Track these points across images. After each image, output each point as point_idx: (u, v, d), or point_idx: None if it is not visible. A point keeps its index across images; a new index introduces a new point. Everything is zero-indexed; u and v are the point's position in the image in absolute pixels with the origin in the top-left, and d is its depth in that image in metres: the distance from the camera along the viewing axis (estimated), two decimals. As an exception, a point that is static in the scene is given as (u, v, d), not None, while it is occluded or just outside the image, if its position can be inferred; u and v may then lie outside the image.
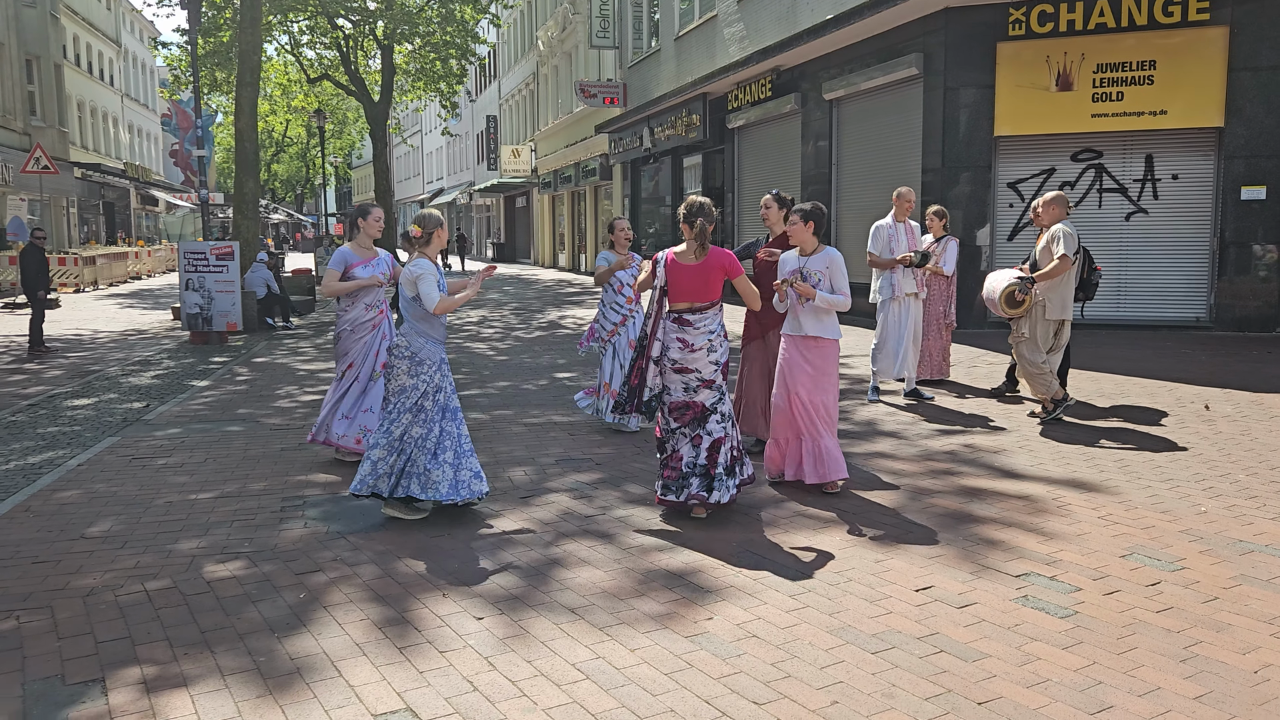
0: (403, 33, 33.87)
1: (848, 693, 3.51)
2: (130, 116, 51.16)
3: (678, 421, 5.61)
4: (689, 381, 5.57)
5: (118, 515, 5.89)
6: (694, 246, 5.56)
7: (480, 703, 3.48)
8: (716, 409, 5.59)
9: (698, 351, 5.52)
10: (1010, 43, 13.53)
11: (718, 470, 5.53)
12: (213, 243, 15.62)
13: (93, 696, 3.57)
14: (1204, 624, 4.03)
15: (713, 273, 5.55)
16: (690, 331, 5.53)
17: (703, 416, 5.58)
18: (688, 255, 5.57)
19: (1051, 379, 7.90)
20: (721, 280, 5.62)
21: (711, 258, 5.55)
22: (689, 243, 5.58)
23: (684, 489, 5.53)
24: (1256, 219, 12.96)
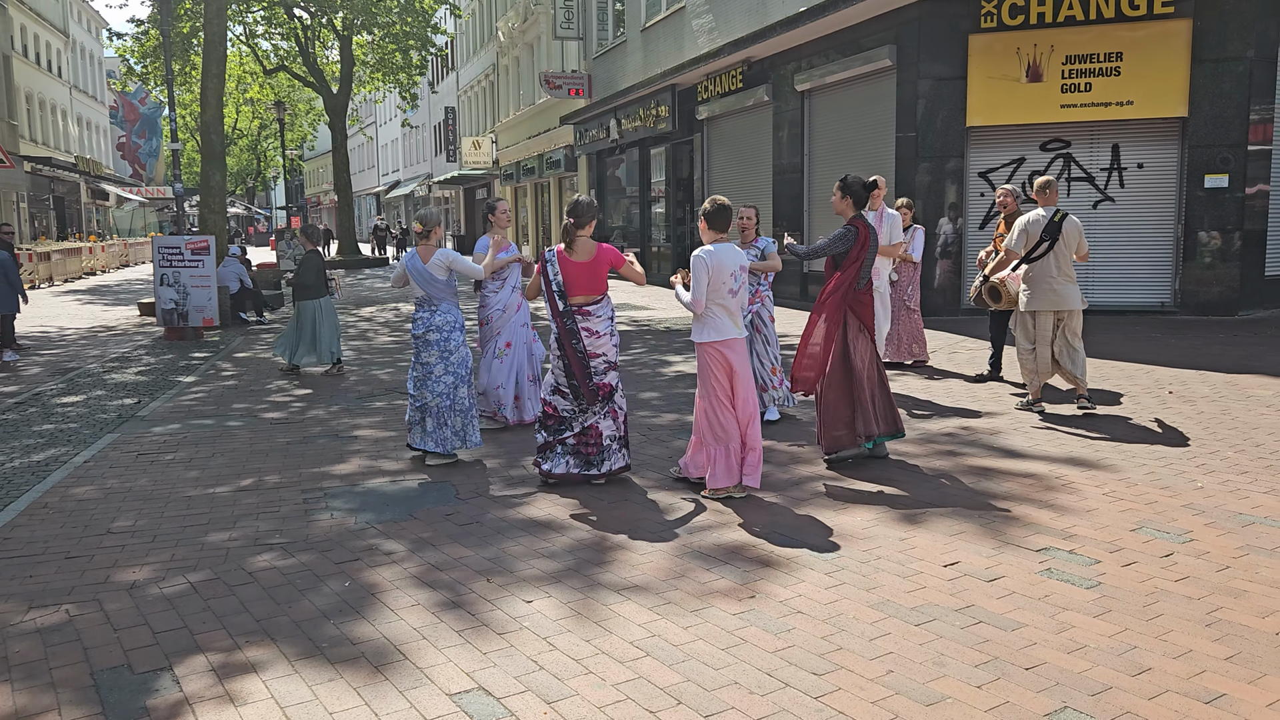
0: (361, 23, 33.61)
1: (900, 662, 3.67)
2: (79, 109, 50.09)
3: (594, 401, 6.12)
4: (597, 365, 6.08)
5: (139, 510, 5.90)
6: (585, 245, 6.01)
7: (550, 680, 3.60)
8: (619, 387, 6.19)
9: (602, 337, 6.05)
10: (982, 35, 13.81)
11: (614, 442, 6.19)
12: (188, 237, 15.44)
13: (165, 684, 3.63)
14: (1221, 591, 4.26)
15: (602, 267, 6.06)
16: (593, 320, 6.04)
17: (610, 395, 6.14)
18: (579, 253, 6.02)
19: (1032, 375, 7.87)
20: (606, 272, 6.10)
21: (600, 254, 6.04)
22: (580, 241, 6.01)
23: (604, 461, 6.14)
24: (1219, 207, 13.39)
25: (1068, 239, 7.64)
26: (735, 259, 5.79)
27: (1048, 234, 7.61)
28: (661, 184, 24.31)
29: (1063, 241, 7.61)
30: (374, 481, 6.46)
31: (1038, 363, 7.84)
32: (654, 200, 25.01)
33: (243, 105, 51.26)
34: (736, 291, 5.77)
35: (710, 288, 5.70)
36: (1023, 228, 7.72)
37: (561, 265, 6.01)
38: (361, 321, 17.30)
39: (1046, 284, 7.67)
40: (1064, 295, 7.67)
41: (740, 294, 5.81)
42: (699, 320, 5.83)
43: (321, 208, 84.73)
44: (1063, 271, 7.66)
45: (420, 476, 6.57)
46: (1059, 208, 7.72)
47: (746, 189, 19.55)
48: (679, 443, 7.30)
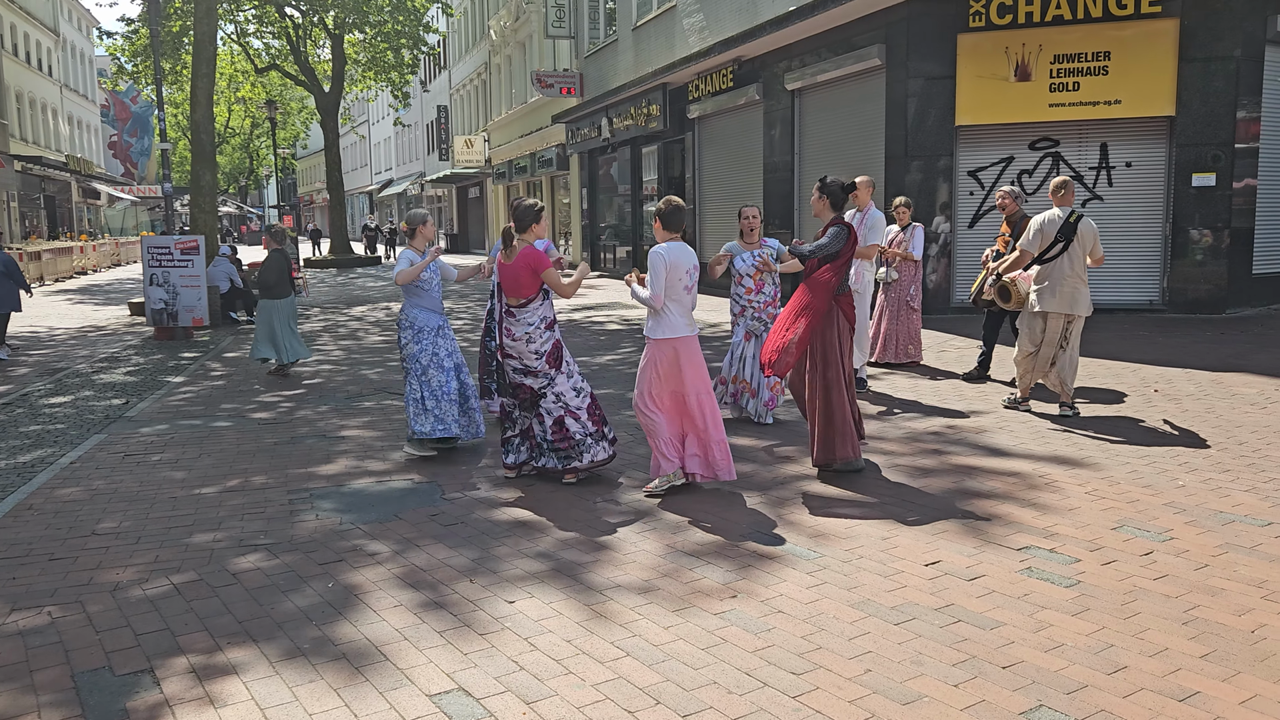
0: (353, 22, 33.57)
1: (879, 661, 3.69)
2: (70, 108, 49.95)
3: (514, 399, 6.31)
4: (515, 366, 6.20)
5: (124, 511, 5.90)
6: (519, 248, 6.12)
7: (530, 681, 3.61)
8: (546, 393, 6.17)
9: (518, 341, 6.13)
10: (970, 34, 13.85)
11: (575, 439, 6.16)
12: (176, 236, 15.42)
13: (145, 686, 3.64)
14: (1199, 589, 4.29)
15: (522, 272, 6.06)
16: (512, 323, 6.15)
17: (534, 399, 6.21)
18: (509, 256, 6.12)
19: (1028, 374, 7.87)
20: (531, 278, 6.05)
21: (519, 258, 6.07)
22: (518, 243, 6.14)
23: (541, 458, 6.27)
24: (1207, 205, 13.44)
25: (1083, 240, 7.49)
26: (689, 258, 5.86)
27: (1063, 234, 7.49)
28: (653, 183, 24.32)
29: (1078, 242, 7.48)
30: (360, 482, 6.47)
31: (1037, 363, 7.80)
32: (646, 199, 25.03)
33: (234, 104, 51.04)
34: (690, 289, 5.85)
35: (667, 285, 5.76)
36: (1038, 227, 7.58)
37: (498, 266, 6.22)
38: (352, 321, 17.29)
39: (1060, 285, 7.54)
40: (1077, 298, 7.54)
41: (693, 291, 5.89)
42: (655, 317, 5.88)
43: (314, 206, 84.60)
44: (1076, 273, 7.51)
45: (407, 477, 6.58)
46: (1075, 208, 7.61)
47: (737, 188, 19.59)
48: (666, 442, 7.31)
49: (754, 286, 7.82)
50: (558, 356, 6.22)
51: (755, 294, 7.82)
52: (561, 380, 6.22)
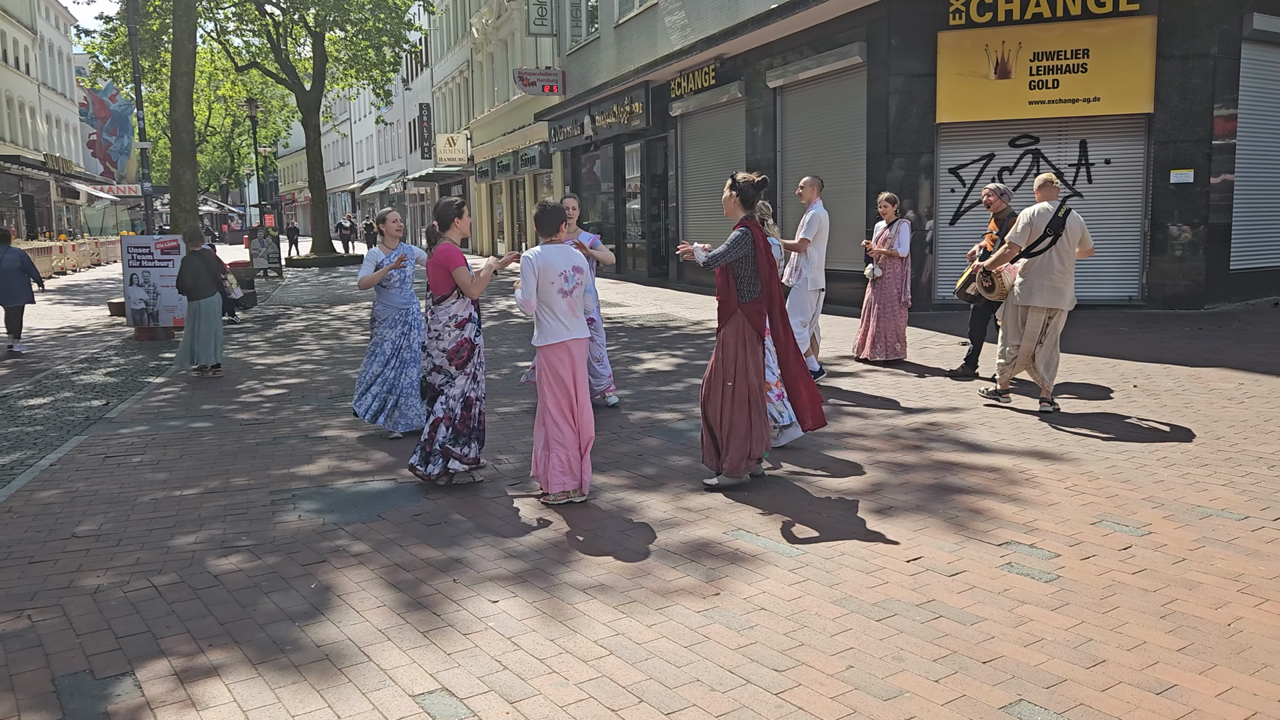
0: (334, 19, 33.41)
1: (860, 658, 3.72)
2: (48, 106, 49.51)
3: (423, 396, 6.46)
4: (431, 363, 6.22)
5: (104, 513, 5.87)
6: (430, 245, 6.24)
7: (513, 680, 3.62)
8: (444, 391, 6.16)
9: (433, 338, 6.16)
10: (951, 32, 13.91)
11: (434, 446, 6.12)
12: (157, 236, 15.31)
13: (127, 689, 3.62)
14: (1177, 583, 4.34)
15: (437, 269, 6.09)
16: (431, 319, 6.20)
17: (434, 396, 6.23)
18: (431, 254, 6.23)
19: (1008, 368, 7.93)
20: (444, 275, 6.06)
21: (436, 255, 6.11)
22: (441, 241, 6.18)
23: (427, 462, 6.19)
24: (1185, 201, 13.55)
25: (1070, 234, 7.53)
26: (566, 260, 5.71)
27: (1051, 229, 7.52)
28: (636, 180, 24.32)
29: (1066, 237, 7.52)
30: (342, 482, 6.46)
31: (1020, 357, 7.85)
32: (629, 197, 25.03)
33: (215, 102, 50.72)
34: (568, 292, 5.69)
35: (540, 289, 5.64)
36: (1028, 220, 7.60)
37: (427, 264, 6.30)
38: (334, 320, 17.22)
39: (1047, 280, 7.58)
40: (1062, 293, 7.59)
41: (574, 294, 5.73)
42: (536, 324, 5.77)
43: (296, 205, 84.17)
44: (1064, 268, 7.56)
45: (389, 477, 6.56)
46: (1063, 203, 7.63)
47: (720, 185, 19.55)
48: (649, 440, 7.33)
49: None
50: (465, 358, 6.12)
51: None
52: (460, 382, 6.15)
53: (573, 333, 5.73)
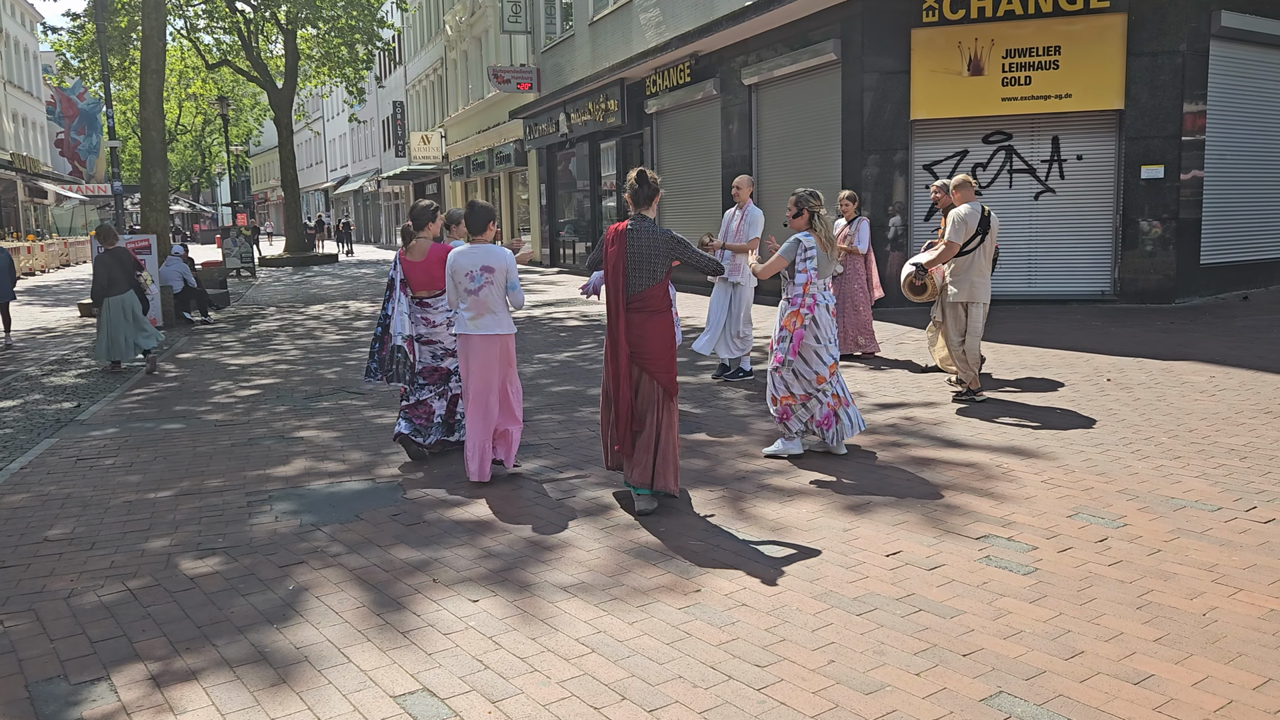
0: (306, 17, 33.16)
1: (841, 652, 3.73)
2: (14, 105, 48.78)
3: (427, 381, 6.84)
4: (435, 350, 6.81)
5: (77, 517, 5.79)
6: (422, 246, 6.72)
7: (495, 680, 3.60)
8: (455, 372, 6.79)
9: (438, 327, 6.75)
10: (924, 29, 13.98)
11: (456, 418, 6.89)
12: (128, 236, 15.13)
13: (102, 694, 3.58)
14: (1152, 574, 4.38)
15: (434, 266, 6.64)
16: (430, 312, 6.76)
17: (446, 377, 6.84)
18: (415, 254, 6.73)
19: (967, 366, 8.03)
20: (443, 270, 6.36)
21: (431, 254, 6.69)
22: (418, 242, 6.75)
23: (430, 434, 6.83)
24: (1156, 197, 13.69)
25: (993, 232, 8.00)
26: (474, 260, 5.99)
27: (981, 227, 7.90)
28: (612, 178, 24.30)
29: (990, 235, 7.97)
30: (318, 483, 6.41)
31: (968, 352, 8.02)
32: (605, 194, 24.99)
33: (185, 100, 50.19)
34: (474, 291, 5.98)
35: (455, 285, 6.10)
36: (962, 219, 7.86)
37: (402, 264, 6.73)
38: (309, 320, 17.09)
39: (979, 276, 7.96)
40: (988, 287, 8.03)
41: (480, 293, 5.98)
42: None
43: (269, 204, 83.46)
44: (986, 264, 8.02)
45: (367, 478, 6.52)
46: (982, 204, 8.00)
47: (696, 182, 19.61)
48: (628, 438, 7.31)
49: None
50: None
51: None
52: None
53: (471, 329, 6.05)
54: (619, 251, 5.50)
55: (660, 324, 5.54)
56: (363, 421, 8.25)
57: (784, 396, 6.49)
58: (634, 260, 5.48)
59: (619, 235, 5.54)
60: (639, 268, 5.48)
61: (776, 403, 6.56)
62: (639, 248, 5.47)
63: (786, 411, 6.51)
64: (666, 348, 5.56)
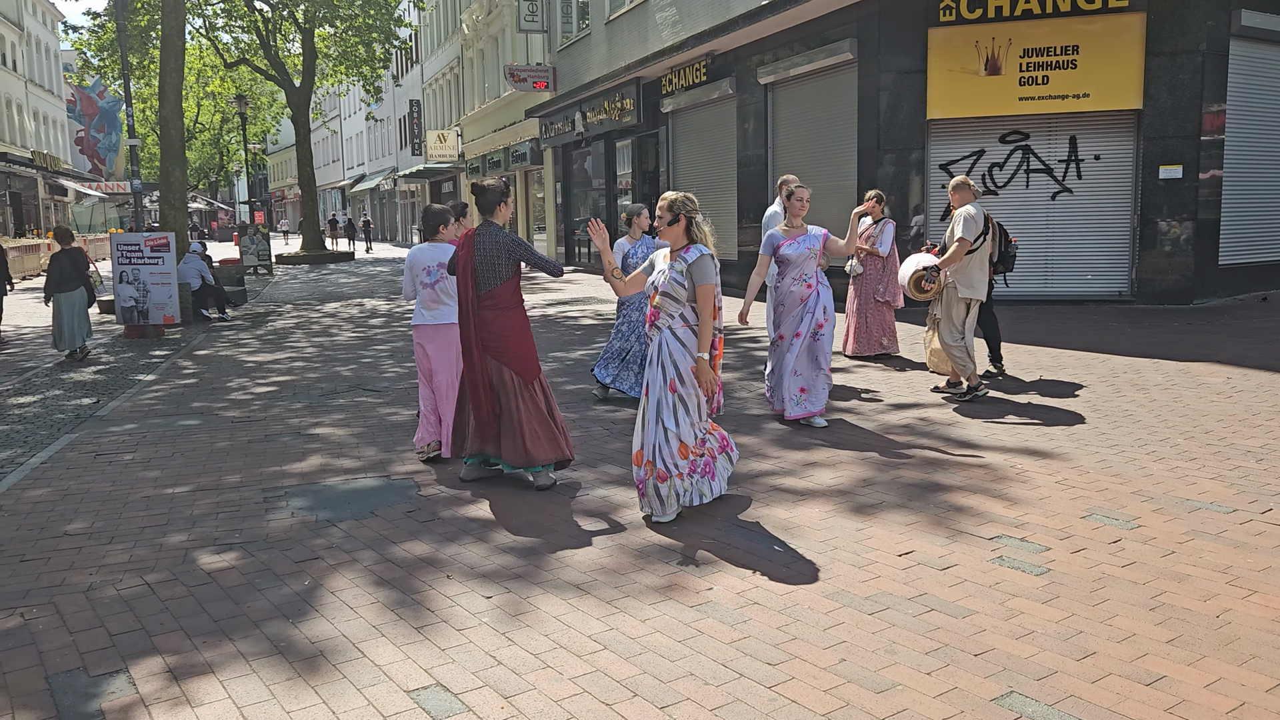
0: (324, 16, 33.32)
1: (853, 651, 3.74)
2: (35, 103, 49.24)
3: None
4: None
5: (96, 512, 5.85)
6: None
7: (507, 675, 3.63)
8: None
9: None
10: (941, 28, 13.94)
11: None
12: (146, 234, 15.26)
13: (120, 686, 3.62)
14: (1166, 576, 4.37)
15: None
16: None
17: None
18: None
19: (967, 361, 8.07)
20: None
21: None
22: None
23: None
24: (1174, 197, 13.61)
25: (994, 231, 8.22)
26: (433, 257, 6.66)
27: (986, 226, 8.06)
28: (627, 176, 24.32)
29: (992, 234, 8.18)
30: (334, 480, 6.45)
31: (968, 349, 8.11)
32: (620, 193, 25.02)
33: (204, 99, 50.54)
34: (430, 285, 6.66)
35: (413, 279, 6.72)
36: (971, 217, 7.96)
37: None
38: (325, 318, 17.19)
39: (980, 275, 8.09)
40: (985, 284, 8.19)
41: (435, 287, 6.65)
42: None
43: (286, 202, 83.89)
44: (987, 263, 8.20)
45: (382, 475, 6.56)
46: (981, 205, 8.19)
47: (711, 181, 19.62)
48: (641, 436, 7.34)
49: None
50: None
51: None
52: None
53: (426, 319, 6.71)
54: (468, 255, 5.95)
55: (510, 319, 5.99)
56: (378, 419, 8.30)
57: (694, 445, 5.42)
58: (481, 262, 5.92)
59: (468, 240, 6.02)
60: (486, 269, 5.91)
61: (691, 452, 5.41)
62: (484, 251, 5.91)
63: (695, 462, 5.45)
64: (519, 340, 6.00)
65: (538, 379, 6.07)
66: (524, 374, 5.99)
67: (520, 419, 5.94)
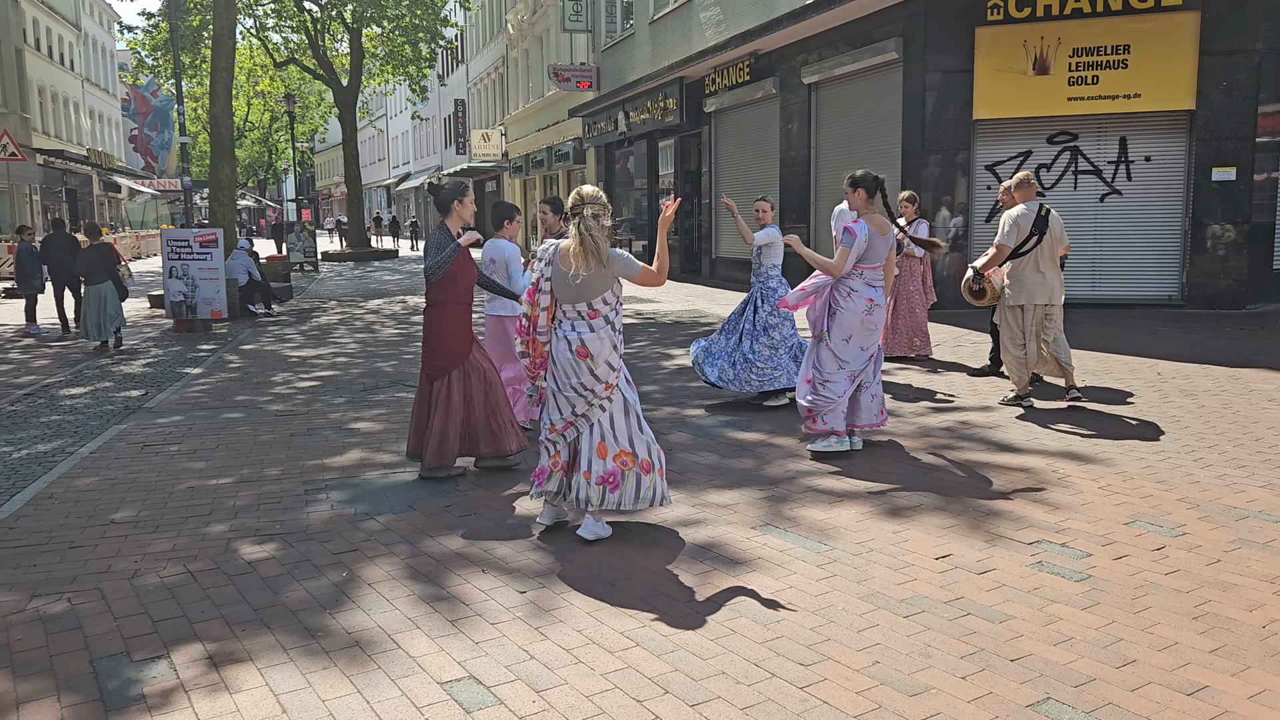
0: (371, 16, 33.70)
1: (887, 653, 3.71)
2: (91, 102, 50.33)
3: None
4: None
5: (142, 501, 5.97)
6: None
7: (540, 670, 3.64)
8: None
9: None
10: (988, 27, 13.78)
11: None
12: (196, 230, 15.54)
13: (162, 671, 3.69)
14: (1211, 584, 4.28)
15: None
16: None
17: None
18: None
19: (1021, 370, 7.90)
20: None
21: None
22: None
23: None
24: (1227, 199, 13.33)
25: (1053, 233, 7.75)
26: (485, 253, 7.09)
27: (1036, 228, 7.70)
28: (670, 176, 24.32)
29: (1049, 235, 7.73)
30: (373, 474, 6.52)
31: (1027, 356, 7.88)
32: (662, 193, 25.02)
33: (253, 98, 51.37)
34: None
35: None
36: (1014, 221, 7.73)
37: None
38: (368, 314, 17.38)
39: (1035, 277, 7.77)
40: (1052, 288, 7.80)
41: None
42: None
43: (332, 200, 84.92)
44: (1049, 265, 7.78)
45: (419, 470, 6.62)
46: (1041, 202, 7.79)
47: (754, 181, 19.56)
48: (676, 436, 7.34)
49: None
50: None
51: None
52: None
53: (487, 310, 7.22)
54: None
55: (433, 315, 6.20)
56: (418, 414, 8.37)
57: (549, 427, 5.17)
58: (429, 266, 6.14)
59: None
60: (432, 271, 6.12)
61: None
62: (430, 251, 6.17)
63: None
64: (432, 336, 6.23)
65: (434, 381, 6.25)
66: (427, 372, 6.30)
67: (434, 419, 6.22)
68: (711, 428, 7.59)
